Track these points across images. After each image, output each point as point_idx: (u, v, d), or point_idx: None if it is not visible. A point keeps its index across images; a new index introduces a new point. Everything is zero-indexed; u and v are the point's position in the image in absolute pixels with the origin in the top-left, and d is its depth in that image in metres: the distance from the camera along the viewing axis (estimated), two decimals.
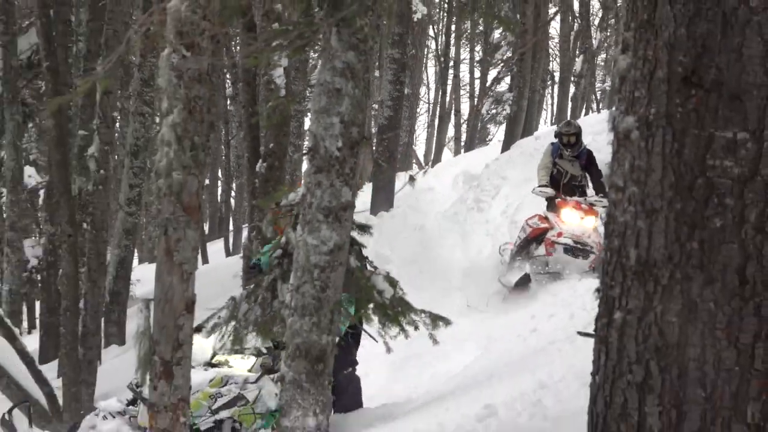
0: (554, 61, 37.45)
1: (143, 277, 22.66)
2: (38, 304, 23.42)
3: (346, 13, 5.03)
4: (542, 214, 13.80)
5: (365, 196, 19.47)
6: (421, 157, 42.92)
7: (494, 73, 43.12)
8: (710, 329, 3.47)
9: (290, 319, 5.61)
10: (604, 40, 40.53)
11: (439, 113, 43.38)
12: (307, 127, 26.02)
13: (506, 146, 25.66)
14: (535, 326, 11.40)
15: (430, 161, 39.00)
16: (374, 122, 21.56)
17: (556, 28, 33.18)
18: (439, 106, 43.59)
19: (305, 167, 5.83)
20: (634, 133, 3.61)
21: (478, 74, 43.16)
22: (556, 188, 13.92)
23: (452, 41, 40.28)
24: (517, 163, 20.80)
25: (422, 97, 46.21)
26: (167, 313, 5.30)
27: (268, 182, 10.74)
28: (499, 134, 39.45)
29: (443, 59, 40.14)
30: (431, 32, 40.94)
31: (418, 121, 44.57)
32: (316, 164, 5.41)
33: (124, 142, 18.60)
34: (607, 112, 16.56)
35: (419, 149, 45.41)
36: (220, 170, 34.14)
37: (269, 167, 10.75)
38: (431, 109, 47.22)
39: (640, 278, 3.61)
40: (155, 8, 4.82)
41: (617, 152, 3.74)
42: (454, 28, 39.59)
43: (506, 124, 30.25)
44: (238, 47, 16.66)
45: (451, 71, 41.19)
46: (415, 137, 42.46)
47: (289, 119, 12.15)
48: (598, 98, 40.19)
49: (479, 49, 42.84)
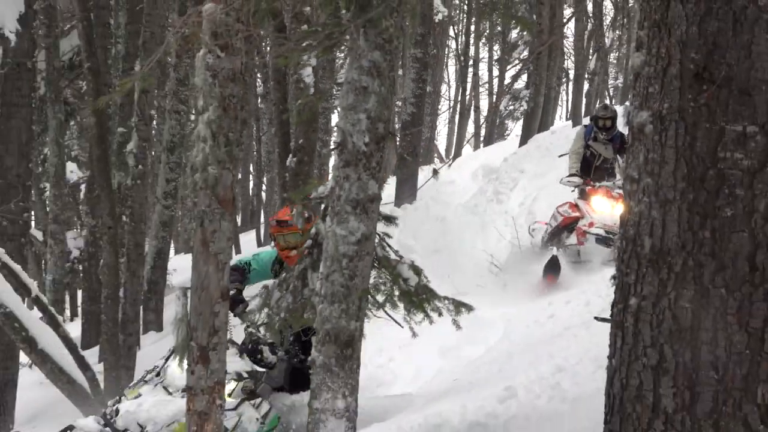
0: (569, 59, 37.29)
1: (179, 266, 22.71)
2: (80, 292, 23.52)
3: (372, 14, 5.03)
4: (573, 201, 13.31)
5: (389, 188, 19.52)
6: (442, 151, 42.97)
7: (512, 71, 43.10)
8: (722, 314, 3.47)
9: (320, 306, 5.62)
10: (616, 39, 40.44)
11: (459, 110, 43.42)
12: (334, 123, 26.07)
13: (523, 141, 25.69)
14: (552, 312, 11.39)
15: (451, 155, 38.96)
16: (398, 118, 21.55)
17: (570, 27, 33.01)
18: (459, 102, 43.60)
19: (333, 162, 5.83)
20: (648, 127, 3.61)
21: (496, 72, 43.27)
22: (588, 170, 13.45)
23: (472, 41, 40.29)
24: (533, 156, 20.84)
25: (443, 94, 46.13)
26: (204, 300, 5.32)
27: (297, 176, 10.76)
28: (516, 129, 39.31)
29: (463, 58, 40.14)
30: (452, 32, 40.90)
31: (439, 117, 44.56)
32: (344, 158, 5.41)
33: (160, 138, 18.63)
34: (619, 107, 16.34)
35: (441, 144, 45.47)
36: (251, 165, 34.14)
37: (299, 162, 10.77)
38: (452, 105, 47.22)
39: (654, 266, 3.61)
40: (192, 11, 4.85)
41: (632, 145, 3.74)
42: (473, 28, 39.60)
43: (523, 119, 30.24)
44: (268, 48, 16.67)
45: (470, 70, 41.21)
46: (436, 133, 42.55)
47: (317, 116, 12.18)
48: (610, 95, 39.93)
49: (497, 48, 42.87)
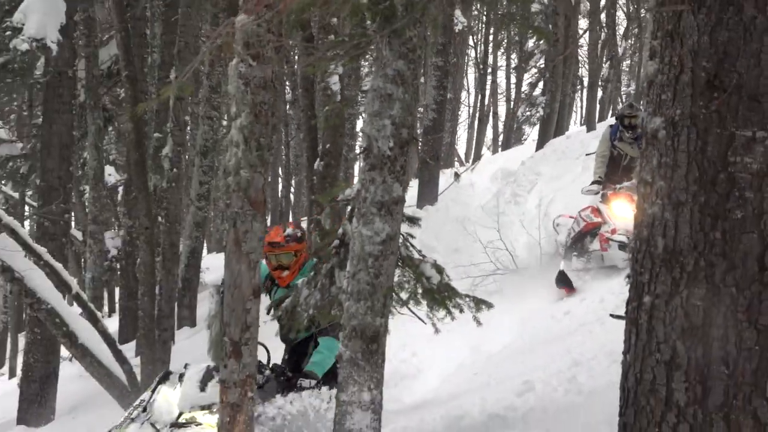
0: (583, 67, 37.21)
1: (211, 265, 22.76)
2: (117, 290, 23.60)
3: (397, 25, 5.03)
4: (595, 206, 12.72)
5: (412, 191, 19.47)
6: (462, 155, 42.90)
7: (528, 78, 43.10)
8: (732, 312, 3.46)
9: (347, 303, 5.62)
10: (628, 48, 40.29)
11: (478, 115, 43.37)
12: (358, 128, 26.08)
13: (540, 145, 25.64)
14: (568, 309, 11.35)
15: (470, 159, 38.93)
16: (420, 124, 21.55)
17: (584, 37, 32.97)
18: (478, 109, 43.57)
19: (359, 165, 5.83)
20: (661, 132, 3.61)
21: (513, 80, 43.12)
22: (616, 170, 12.84)
23: (490, 50, 40.33)
24: (550, 160, 20.81)
25: (463, 101, 46.03)
26: (236, 297, 5.33)
27: (325, 179, 10.76)
28: (533, 134, 39.23)
29: (482, 66, 40.18)
30: (471, 42, 40.86)
31: (459, 122, 44.49)
32: (370, 162, 5.41)
33: (194, 143, 18.72)
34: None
35: (460, 148, 45.36)
36: (280, 168, 34.16)
37: (326, 165, 10.77)
38: (471, 111, 47.14)
39: (667, 265, 3.61)
40: (226, 22, 4.86)
41: (646, 150, 3.74)
42: (491, 38, 39.57)
43: (540, 125, 30.19)
44: (296, 57, 16.70)
45: (489, 77, 41.30)
46: (456, 138, 42.45)
47: (344, 122, 12.18)
48: (623, 101, 39.87)
49: (515, 57, 42.72)
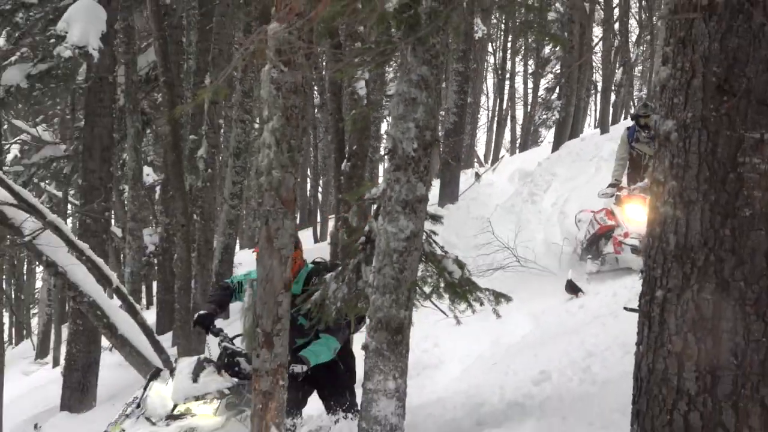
0: (597, 72, 37.01)
1: (244, 260, 22.80)
2: (155, 283, 23.69)
3: (421, 33, 5.04)
4: (609, 208, 12.61)
5: (434, 190, 19.41)
6: (481, 156, 42.79)
7: (545, 83, 42.97)
8: (741, 305, 3.46)
9: (373, 296, 5.64)
10: (640, 54, 40.15)
11: (497, 119, 43.29)
12: (383, 131, 26.10)
13: (556, 147, 25.58)
14: (582, 303, 11.33)
15: (489, 160, 38.90)
16: (441, 127, 21.54)
17: (599, 44, 32.88)
18: (497, 112, 43.47)
19: (383, 166, 5.83)
20: (673, 134, 3.60)
21: (531, 85, 43.06)
22: (638, 170, 12.73)
23: (508, 56, 40.30)
24: (565, 161, 20.79)
25: (482, 105, 45.96)
26: (268, 291, 5.35)
27: (351, 179, 10.75)
28: (549, 137, 39.06)
29: (500, 72, 40.11)
30: (490, 48, 40.77)
31: (478, 125, 44.42)
32: (395, 163, 5.42)
33: (227, 145, 18.74)
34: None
35: (480, 150, 45.24)
36: (308, 169, 34.25)
37: (353, 166, 10.76)
38: (490, 115, 47.03)
39: (678, 261, 3.60)
40: (259, 30, 4.87)
41: (658, 151, 3.74)
42: (510, 45, 39.52)
43: (555, 127, 30.12)
44: (324, 63, 16.71)
45: (507, 82, 41.23)
46: (476, 140, 42.39)
47: (369, 125, 12.15)
48: (635, 105, 39.71)
49: (532, 63, 42.64)
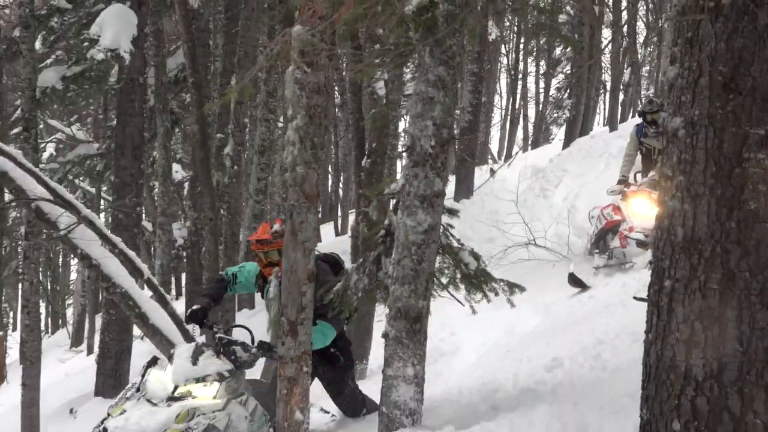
0: (606, 73, 36.87)
1: None
2: (184, 275, 23.76)
3: (439, 35, 5.04)
4: (616, 204, 12.49)
5: (449, 186, 19.43)
6: (495, 153, 42.74)
7: (556, 83, 42.89)
8: (746, 294, 3.46)
9: (392, 286, 5.65)
10: (647, 55, 39.99)
11: (510, 117, 43.21)
12: (401, 129, 26.08)
13: (566, 144, 25.52)
14: (592, 293, 11.30)
15: (503, 157, 38.87)
16: (456, 125, 21.50)
17: (608, 45, 32.79)
18: (510, 111, 43.40)
19: (401, 162, 5.84)
20: (681, 131, 3.60)
21: (542, 85, 42.99)
22: (650, 165, 12.47)
23: (521, 57, 40.15)
24: (575, 158, 20.76)
25: (496, 104, 45.82)
26: (293, 282, 5.37)
27: (371, 175, 10.75)
28: (560, 134, 38.94)
29: (513, 72, 39.99)
30: (503, 50, 40.67)
31: (492, 124, 44.38)
32: (413, 159, 5.43)
33: (252, 143, 18.80)
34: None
35: (493, 147, 45.19)
36: (330, 166, 34.29)
37: (372, 163, 10.76)
38: (503, 114, 46.96)
39: (686, 252, 3.60)
40: (283, 32, 4.89)
41: (666, 147, 3.73)
42: (522, 46, 39.44)
43: (566, 125, 30.03)
44: (345, 64, 16.71)
45: (519, 82, 41.12)
46: (489, 137, 42.33)
47: (388, 123, 12.14)
48: (643, 103, 39.66)
49: (543, 63, 42.55)
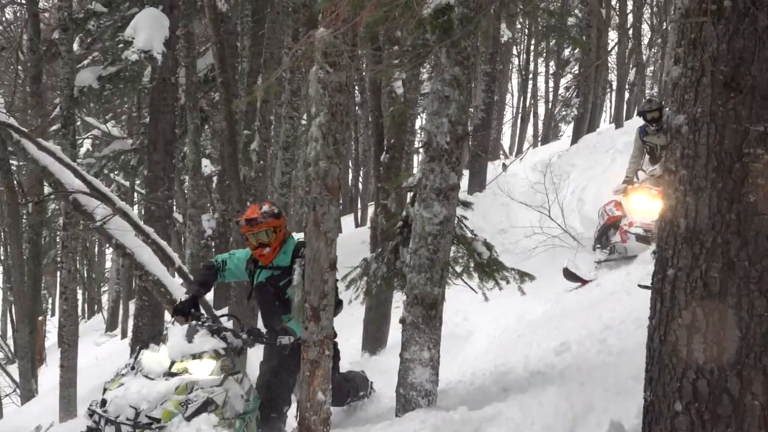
0: (612, 73, 36.74)
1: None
2: None
3: (454, 37, 5.04)
4: (618, 200, 12.51)
5: (463, 179, 19.41)
6: (506, 149, 42.69)
7: (565, 83, 42.78)
8: (745, 283, 3.46)
9: (409, 275, 5.67)
10: (652, 55, 39.82)
11: (521, 115, 43.14)
12: (418, 126, 26.09)
13: (574, 140, 25.48)
14: (598, 281, 11.29)
15: (514, 153, 38.85)
16: (470, 122, 21.48)
17: (614, 47, 32.69)
18: (520, 109, 43.32)
19: (418, 158, 5.84)
20: (684, 128, 3.60)
21: (551, 84, 42.91)
22: (656, 162, 12.41)
23: (531, 58, 40.06)
24: (583, 153, 20.83)
25: (507, 102, 45.70)
26: (315, 270, 5.39)
27: (389, 170, 10.76)
28: (568, 131, 38.80)
29: (524, 72, 39.89)
30: (515, 51, 40.53)
31: (504, 121, 44.30)
32: (429, 154, 5.44)
33: (277, 139, 18.78)
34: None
35: (505, 143, 45.12)
36: (350, 161, 34.35)
37: (391, 158, 10.77)
38: (514, 111, 46.85)
39: (688, 242, 3.60)
40: (308, 34, 4.90)
41: (670, 143, 3.73)
42: (533, 47, 39.35)
43: (574, 123, 29.94)
44: (364, 65, 16.73)
45: (530, 82, 41.05)
46: (501, 134, 42.28)
47: (406, 120, 12.15)
48: (654, 98, 39.49)
49: (553, 64, 42.44)
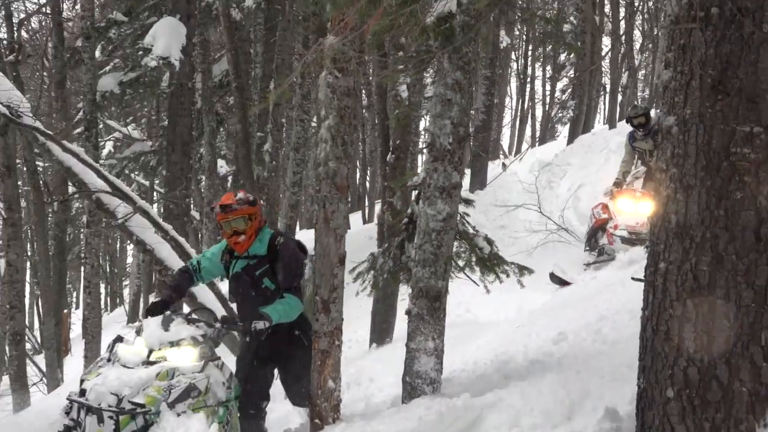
0: (606, 76, 36.68)
1: (303, 239, 22.89)
2: None
3: (456, 44, 5.04)
4: (605, 202, 12.42)
5: (465, 178, 19.43)
6: (506, 149, 42.65)
7: (561, 86, 42.74)
8: (733, 275, 3.47)
9: (414, 269, 5.67)
10: (643, 60, 39.76)
11: (519, 117, 43.14)
12: (422, 128, 26.08)
13: (570, 140, 25.48)
14: (594, 274, 11.30)
15: (513, 153, 38.85)
16: (471, 124, 21.49)
17: (608, 52, 32.66)
18: (519, 111, 43.30)
19: (422, 158, 5.85)
20: (674, 128, 3.60)
21: (548, 87, 42.87)
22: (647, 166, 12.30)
23: (529, 63, 40.02)
24: (578, 153, 20.88)
25: (507, 105, 45.69)
26: (325, 265, 5.40)
27: (395, 169, 10.78)
28: (564, 132, 38.77)
29: (522, 76, 39.91)
30: (513, 56, 40.50)
31: (503, 123, 44.27)
32: (433, 155, 5.44)
33: (289, 140, 18.78)
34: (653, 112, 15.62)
35: (505, 143, 45.06)
36: (358, 161, 34.37)
37: (396, 158, 10.79)
38: (513, 113, 46.83)
39: (679, 237, 3.61)
40: (318, 41, 4.91)
41: (661, 143, 3.74)
42: (530, 53, 39.32)
43: (570, 124, 29.96)
44: (371, 70, 16.74)
45: (528, 85, 41.03)
46: (501, 135, 42.25)
47: (411, 122, 12.17)
48: (639, 103, 39.35)
49: (549, 68, 42.39)
